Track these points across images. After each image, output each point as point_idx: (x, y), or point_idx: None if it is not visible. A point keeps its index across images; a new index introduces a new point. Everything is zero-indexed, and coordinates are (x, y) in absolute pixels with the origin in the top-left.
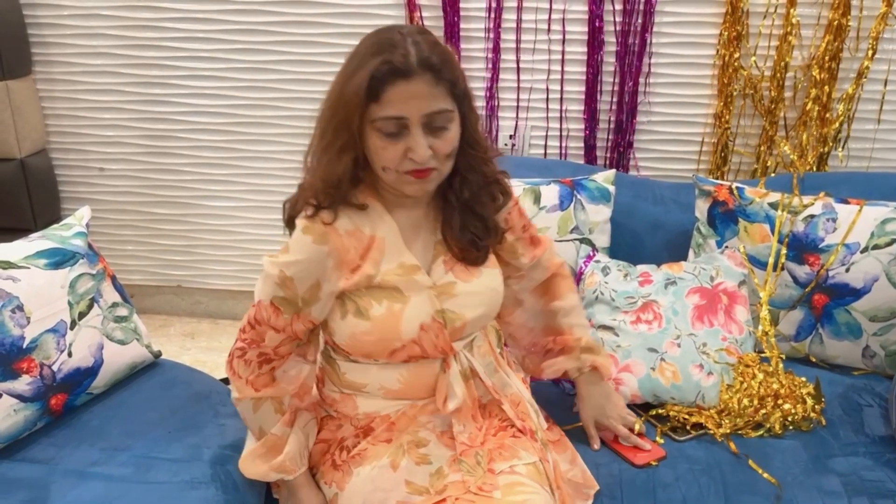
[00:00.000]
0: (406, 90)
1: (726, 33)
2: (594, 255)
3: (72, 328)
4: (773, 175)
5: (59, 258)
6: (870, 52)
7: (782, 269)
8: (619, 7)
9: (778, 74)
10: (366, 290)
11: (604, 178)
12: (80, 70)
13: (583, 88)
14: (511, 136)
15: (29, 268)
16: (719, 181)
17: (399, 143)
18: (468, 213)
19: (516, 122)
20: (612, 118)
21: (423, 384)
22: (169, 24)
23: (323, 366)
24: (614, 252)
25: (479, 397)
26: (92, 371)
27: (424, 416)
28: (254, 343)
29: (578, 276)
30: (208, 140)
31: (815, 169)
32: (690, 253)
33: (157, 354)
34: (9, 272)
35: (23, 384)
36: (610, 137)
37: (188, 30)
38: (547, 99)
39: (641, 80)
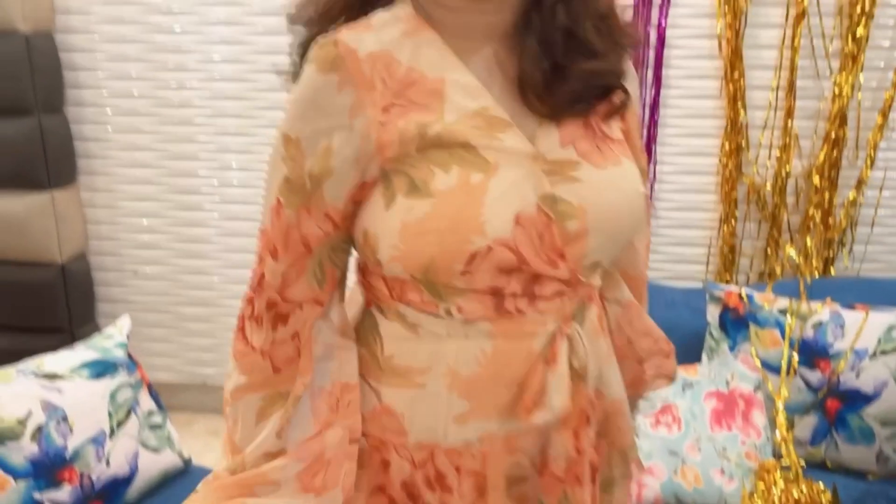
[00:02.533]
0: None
1: (728, 144)
2: None
3: (110, 437)
4: (780, 279)
5: (101, 369)
6: (868, 161)
7: (795, 374)
8: None
9: (779, 182)
10: (419, 152)
11: None
12: (121, 180)
13: None
14: None
15: (73, 379)
16: (729, 287)
17: None
18: (565, 38)
19: None
20: None
21: (513, 371)
22: (203, 137)
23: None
24: None
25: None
26: (127, 480)
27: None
28: (259, 287)
29: None
30: (237, 244)
31: (821, 271)
32: (704, 356)
33: (188, 461)
34: (55, 383)
35: (64, 494)
36: None
37: (220, 142)
38: None
39: (649, 186)
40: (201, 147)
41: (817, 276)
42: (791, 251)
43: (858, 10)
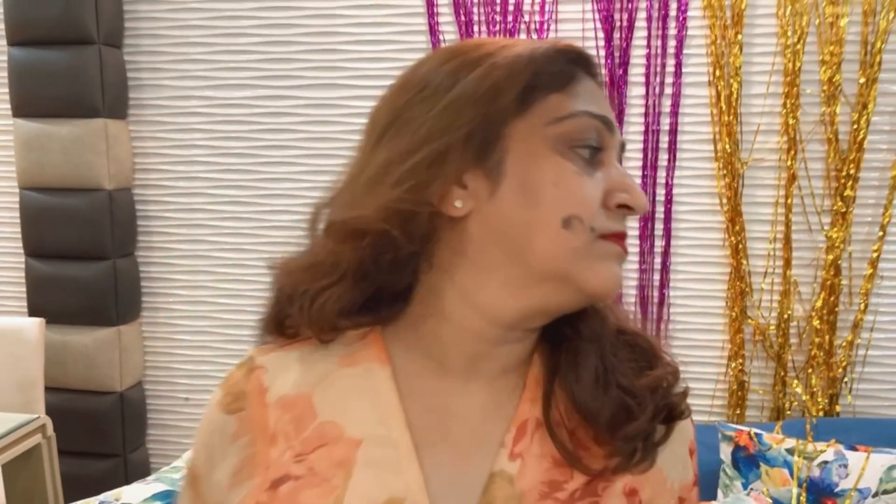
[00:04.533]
0: (598, 93)
1: (732, 289)
2: None
3: None
4: (788, 418)
5: (171, 500)
6: (862, 306)
7: None
8: (634, 267)
9: (782, 324)
10: None
11: None
12: (180, 315)
13: None
14: None
15: None
16: (739, 426)
17: (596, 172)
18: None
19: None
20: None
21: None
22: (252, 282)
23: None
24: None
25: None
26: None
27: None
28: None
29: None
30: None
31: (828, 408)
32: (720, 493)
33: None
34: None
35: None
36: None
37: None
38: None
39: (662, 326)
40: (250, 287)
41: (823, 414)
42: (797, 389)
43: (845, 173)
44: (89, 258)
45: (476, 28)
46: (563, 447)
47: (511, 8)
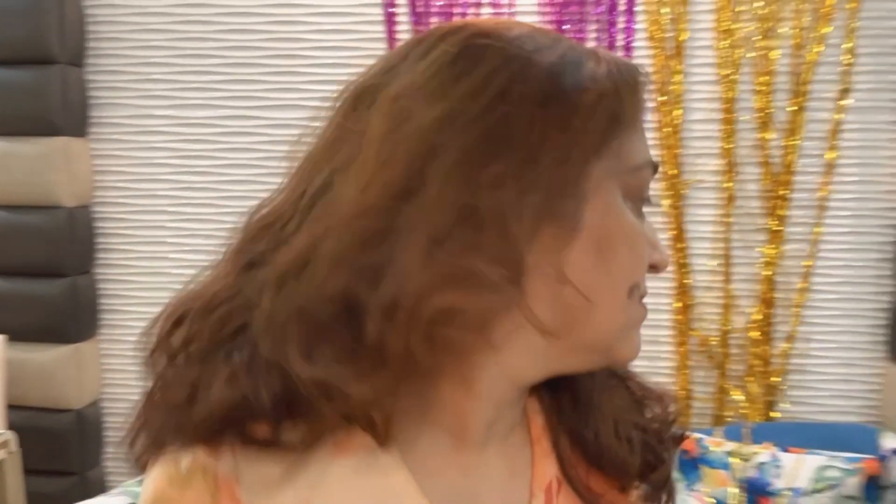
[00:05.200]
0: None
1: (678, 303)
2: None
3: None
4: (730, 422)
5: None
6: (796, 318)
7: None
8: None
9: (724, 336)
10: None
11: None
12: (139, 332)
13: None
14: None
15: None
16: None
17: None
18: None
19: None
20: None
21: None
22: None
23: None
24: None
25: None
26: None
27: None
28: None
29: None
30: None
31: (766, 413)
32: None
33: None
34: None
35: None
36: None
37: None
38: None
39: None
40: None
41: (762, 419)
42: (736, 396)
43: (778, 194)
44: (48, 275)
45: None
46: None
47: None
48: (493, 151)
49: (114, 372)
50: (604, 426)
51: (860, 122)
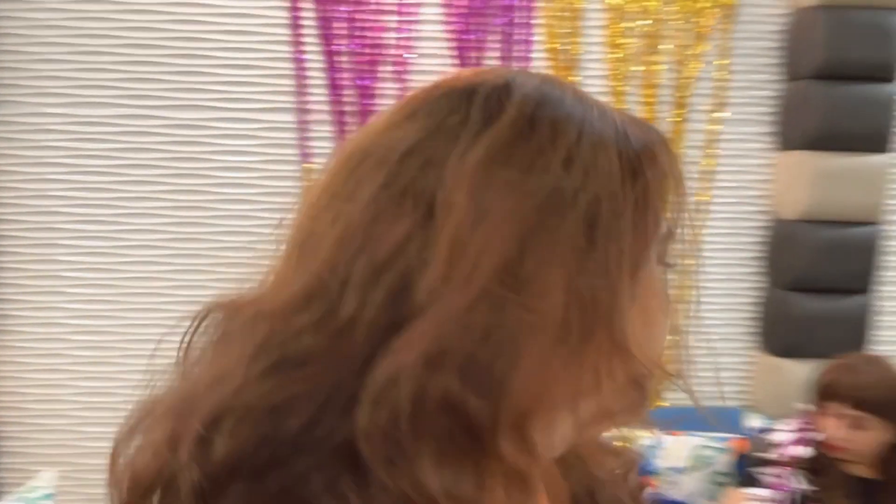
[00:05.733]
0: None
1: None
2: None
3: None
4: None
5: None
6: (678, 315)
7: None
8: None
9: None
10: None
11: None
12: (33, 337)
13: None
14: None
15: None
16: None
17: None
18: None
19: None
20: None
21: None
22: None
23: None
24: None
25: None
26: None
27: None
28: None
29: None
30: None
31: (656, 401)
32: None
33: None
34: None
35: None
36: None
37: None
38: None
39: None
40: (105, 308)
41: (653, 407)
42: None
43: None
44: None
45: (340, 58)
46: None
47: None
48: (590, 234)
49: (4, 379)
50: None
51: (734, 133)
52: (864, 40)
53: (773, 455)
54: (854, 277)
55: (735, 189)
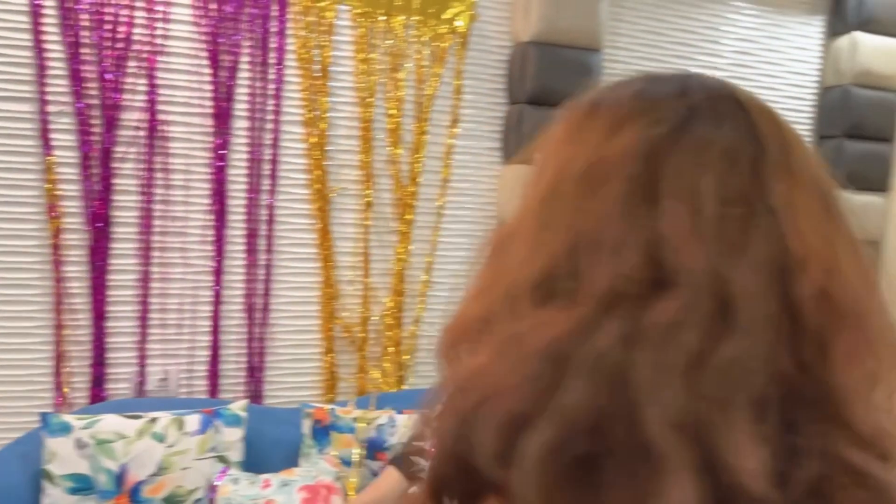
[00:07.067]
0: None
1: (324, 295)
2: (226, 469)
3: None
4: (360, 396)
5: None
6: (421, 305)
7: (362, 465)
8: (240, 279)
9: (364, 323)
10: None
11: (238, 407)
12: None
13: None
14: (162, 379)
15: None
16: (318, 405)
17: None
18: None
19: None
20: (248, 362)
21: None
22: None
23: None
24: (248, 466)
25: None
26: None
27: None
28: None
29: (213, 489)
30: None
31: (398, 387)
32: (300, 461)
33: None
34: None
35: None
36: (247, 376)
37: None
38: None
39: (266, 329)
40: None
41: (396, 391)
42: (373, 374)
43: (406, 202)
44: None
45: (85, 50)
46: None
47: (121, 33)
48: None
49: None
50: None
51: (467, 146)
52: (569, 74)
53: (427, 445)
54: None
55: (468, 196)
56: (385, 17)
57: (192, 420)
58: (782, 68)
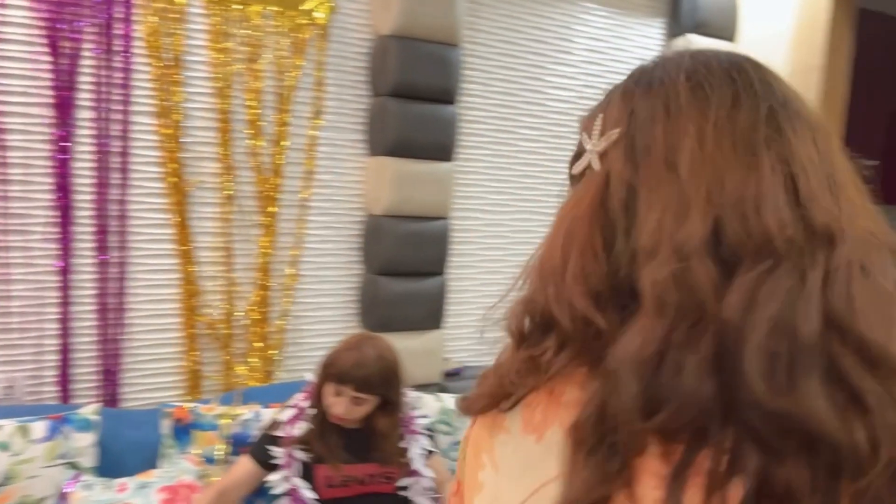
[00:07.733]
0: None
1: (185, 292)
2: (79, 476)
3: None
4: (224, 393)
5: None
6: (287, 299)
7: (227, 461)
8: (92, 278)
9: (228, 319)
10: None
11: (89, 411)
12: None
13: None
14: (8, 387)
15: None
16: (178, 403)
17: None
18: None
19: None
20: (102, 365)
21: None
22: None
23: None
24: (104, 471)
25: None
26: None
27: None
28: None
29: (64, 497)
30: None
31: (266, 381)
32: (160, 461)
33: None
34: None
35: None
36: (102, 379)
37: None
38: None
39: (122, 331)
40: None
41: (259, 386)
42: (238, 370)
43: (268, 194)
44: None
45: None
46: None
47: None
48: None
49: None
50: None
51: (331, 138)
52: (430, 68)
53: (280, 433)
54: (430, 262)
55: (333, 188)
56: (241, 7)
57: (38, 427)
58: (629, 66)
